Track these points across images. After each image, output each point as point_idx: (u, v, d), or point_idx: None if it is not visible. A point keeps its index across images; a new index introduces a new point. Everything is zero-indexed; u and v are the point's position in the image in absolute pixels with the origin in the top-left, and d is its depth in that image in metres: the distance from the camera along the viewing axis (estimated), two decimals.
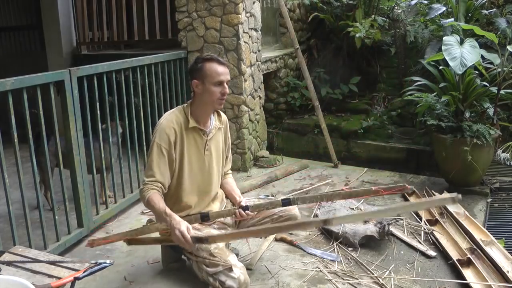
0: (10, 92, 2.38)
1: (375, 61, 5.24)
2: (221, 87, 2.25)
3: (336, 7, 5.20)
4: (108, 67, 3.14)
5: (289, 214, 2.44)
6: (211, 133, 2.37)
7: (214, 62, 2.25)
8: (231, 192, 2.51)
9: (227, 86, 2.29)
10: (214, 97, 2.25)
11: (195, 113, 2.31)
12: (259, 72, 4.48)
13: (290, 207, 2.48)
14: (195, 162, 2.34)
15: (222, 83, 2.25)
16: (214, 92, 2.24)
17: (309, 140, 4.80)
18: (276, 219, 2.44)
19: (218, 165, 2.45)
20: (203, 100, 2.28)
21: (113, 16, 5.02)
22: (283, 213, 2.44)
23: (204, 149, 2.35)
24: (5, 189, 2.39)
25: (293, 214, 2.45)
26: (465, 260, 2.50)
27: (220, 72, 2.24)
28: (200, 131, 2.33)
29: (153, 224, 2.38)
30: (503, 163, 3.94)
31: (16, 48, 6.42)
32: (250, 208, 2.33)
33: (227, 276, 2.13)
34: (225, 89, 2.27)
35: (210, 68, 2.23)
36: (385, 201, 3.47)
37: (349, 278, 2.45)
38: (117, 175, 3.40)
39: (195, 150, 2.33)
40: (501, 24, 4.01)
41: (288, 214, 2.44)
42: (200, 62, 2.26)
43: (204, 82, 2.24)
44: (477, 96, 3.59)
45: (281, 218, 2.44)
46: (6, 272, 1.73)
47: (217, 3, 3.99)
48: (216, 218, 2.37)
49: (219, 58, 2.30)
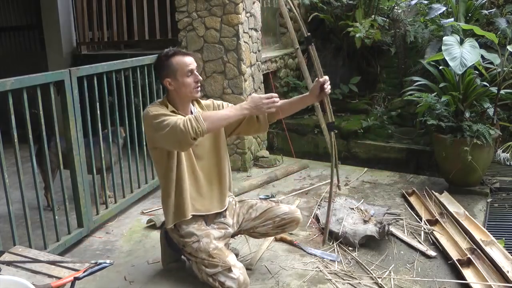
0: (10, 92, 2.38)
1: (375, 61, 5.24)
2: (193, 76, 2.24)
3: (336, 7, 5.20)
4: (108, 67, 3.14)
5: (292, 217, 2.46)
6: None
7: (179, 55, 2.23)
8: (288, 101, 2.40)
9: (198, 73, 2.27)
10: (190, 87, 2.23)
11: (174, 107, 2.27)
12: (259, 72, 4.48)
13: (293, 209, 2.50)
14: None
15: (193, 71, 2.24)
16: (189, 83, 2.23)
17: (309, 140, 4.80)
18: (279, 222, 2.45)
19: (217, 155, 2.39)
20: (180, 94, 2.26)
21: (113, 16, 5.03)
22: (286, 216, 2.45)
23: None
24: (5, 189, 2.39)
25: (295, 216, 2.47)
26: (465, 260, 2.50)
27: (188, 62, 2.22)
28: None
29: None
30: (503, 163, 3.94)
31: (16, 48, 6.42)
32: None
33: (226, 277, 2.14)
34: (198, 77, 2.26)
35: (177, 62, 2.21)
36: (385, 201, 3.47)
37: (349, 278, 2.45)
38: (117, 175, 3.40)
39: None
40: (501, 24, 4.01)
41: (290, 217, 2.46)
42: (165, 59, 2.23)
43: (176, 77, 2.21)
44: (477, 96, 3.59)
45: (284, 221, 2.46)
46: (6, 272, 1.73)
47: (217, 3, 3.99)
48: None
49: (180, 49, 2.29)
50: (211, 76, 4.14)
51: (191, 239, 2.27)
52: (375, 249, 2.76)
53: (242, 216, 2.49)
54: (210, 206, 2.37)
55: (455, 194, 3.45)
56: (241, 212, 2.50)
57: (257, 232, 2.50)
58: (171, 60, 2.22)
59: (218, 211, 2.41)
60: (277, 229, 2.49)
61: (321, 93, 2.32)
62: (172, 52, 2.24)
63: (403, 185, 3.78)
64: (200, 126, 2.03)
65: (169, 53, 2.24)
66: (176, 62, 2.21)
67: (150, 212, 3.37)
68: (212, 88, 4.14)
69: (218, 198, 2.41)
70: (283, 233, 2.67)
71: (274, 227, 2.47)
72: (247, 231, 2.52)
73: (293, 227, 2.54)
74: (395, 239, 2.85)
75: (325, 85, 2.30)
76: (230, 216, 2.47)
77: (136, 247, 2.89)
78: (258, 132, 2.64)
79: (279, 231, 2.53)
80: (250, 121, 2.39)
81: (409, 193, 3.54)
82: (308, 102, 2.44)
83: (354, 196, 3.54)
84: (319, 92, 2.31)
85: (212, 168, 2.39)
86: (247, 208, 2.51)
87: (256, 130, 2.47)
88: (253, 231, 2.51)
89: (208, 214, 2.38)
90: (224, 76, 4.12)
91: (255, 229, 2.48)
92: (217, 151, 2.40)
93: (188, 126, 2.02)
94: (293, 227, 2.52)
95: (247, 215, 2.48)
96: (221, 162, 2.42)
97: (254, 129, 2.45)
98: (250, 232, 2.53)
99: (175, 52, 2.25)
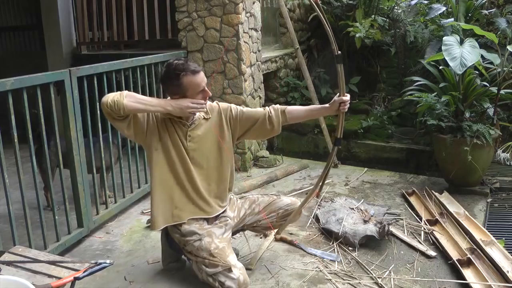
0: (10, 92, 2.38)
1: (375, 61, 5.24)
2: (203, 92, 2.23)
3: (336, 7, 5.20)
4: (108, 67, 3.14)
5: (294, 208, 2.53)
6: (194, 124, 2.31)
7: (190, 75, 2.17)
8: (305, 109, 2.43)
9: (207, 88, 2.25)
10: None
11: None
12: (259, 72, 4.48)
13: (294, 200, 2.58)
14: (174, 151, 2.27)
15: (204, 89, 2.23)
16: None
17: (309, 140, 4.80)
18: (282, 213, 2.52)
19: (217, 159, 2.37)
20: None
21: (113, 16, 5.02)
22: (289, 207, 2.52)
23: (186, 140, 2.29)
24: (5, 189, 2.39)
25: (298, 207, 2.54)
26: (465, 260, 2.50)
27: (199, 82, 2.20)
28: (180, 122, 2.28)
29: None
30: (503, 163, 3.95)
31: (16, 48, 6.43)
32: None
33: (226, 277, 2.14)
34: (208, 93, 2.24)
35: (188, 83, 2.17)
36: (385, 201, 3.47)
37: (349, 278, 2.45)
38: (117, 175, 3.40)
39: (175, 138, 2.27)
40: (501, 24, 4.00)
41: (293, 208, 2.53)
42: (175, 78, 2.17)
43: (186, 95, 2.20)
44: (477, 96, 3.59)
45: (287, 212, 2.52)
46: (6, 272, 1.73)
47: (217, 3, 3.99)
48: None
49: (191, 66, 2.19)
50: (211, 76, 4.14)
51: (193, 237, 2.27)
52: (375, 249, 2.76)
53: (244, 211, 2.50)
54: (210, 209, 2.36)
55: (455, 194, 3.45)
56: (243, 208, 2.51)
57: (261, 225, 2.55)
58: (182, 80, 2.17)
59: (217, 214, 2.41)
60: (281, 221, 2.55)
61: (338, 110, 2.39)
62: (182, 71, 2.16)
63: (403, 185, 3.78)
64: (120, 98, 2.04)
65: (180, 73, 2.16)
66: (187, 82, 2.17)
67: (150, 212, 3.36)
68: (212, 88, 4.14)
69: (218, 201, 2.41)
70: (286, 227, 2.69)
71: (278, 218, 2.53)
72: (250, 226, 2.55)
73: (296, 217, 2.60)
74: (395, 239, 2.85)
75: (343, 103, 2.36)
76: (231, 210, 2.47)
77: (136, 247, 2.89)
78: (269, 136, 2.64)
79: (283, 223, 2.58)
80: (263, 124, 2.37)
81: (409, 193, 3.54)
82: (325, 114, 2.50)
83: (354, 196, 3.54)
84: (338, 108, 2.38)
85: (211, 172, 2.37)
86: (250, 203, 2.53)
87: (268, 133, 2.44)
88: (256, 225, 2.55)
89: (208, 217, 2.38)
90: (224, 76, 4.12)
91: (258, 222, 2.53)
92: (219, 155, 2.38)
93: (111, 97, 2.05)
94: (296, 217, 2.58)
95: (250, 210, 2.51)
96: (222, 167, 2.39)
97: (266, 133, 2.43)
98: (254, 227, 2.57)
99: (185, 71, 2.16)
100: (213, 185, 2.38)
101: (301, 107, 2.45)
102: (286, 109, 2.39)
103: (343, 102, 2.35)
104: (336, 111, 2.41)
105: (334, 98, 2.39)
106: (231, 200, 2.51)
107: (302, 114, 2.43)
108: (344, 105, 2.36)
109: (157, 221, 2.30)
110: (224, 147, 2.37)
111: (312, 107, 2.49)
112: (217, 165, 2.38)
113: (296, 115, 2.41)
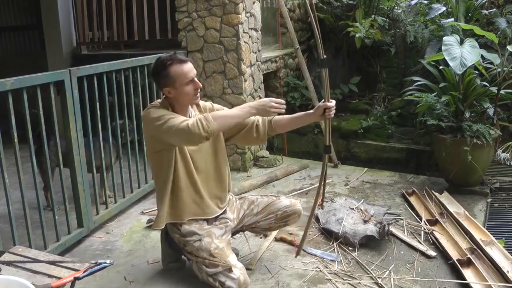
0: (10, 92, 2.38)
1: (375, 61, 5.24)
2: (193, 83, 2.21)
3: (336, 7, 5.21)
4: (108, 67, 3.14)
5: (293, 209, 2.50)
6: None
7: (177, 64, 2.16)
8: (290, 116, 2.39)
9: (197, 79, 2.23)
10: (190, 95, 2.21)
11: (173, 110, 2.24)
12: (259, 72, 4.48)
13: (293, 202, 2.54)
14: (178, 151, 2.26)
15: (193, 79, 2.20)
16: (188, 92, 2.20)
17: (309, 140, 4.80)
18: (281, 215, 2.49)
19: (215, 159, 2.38)
20: (179, 102, 2.24)
21: (113, 16, 5.02)
22: (287, 209, 2.49)
23: None
24: (5, 189, 2.39)
25: (297, 209, 2.52)
26: (465, 260, 2.50)
27: (187, 71, 2.18)
28: None
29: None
30: (503, 163, 3.94)
31: (16, 48, 6.43)
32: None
33: (226, 277, 2.14)
34: (198, 84, 2.22)
35: (175, 71, 2.16)
36: (385, 201, 3.47)
37: (349, 278, 2.45)
38: (117, 175, 3.40)
39: None
40: (501, 24, 4.01)
41: (292, 209, 2.50)
42: (163, 69, 2.16)
43: (175, 86, 2.18)
44: (477, 96, 3.59)
45: (286, 214, 2.49)
46: (6, 272, 1.73)
47: (217, 3, 3.99)
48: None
49: (179, 56, 2.21)
50: (211, 76, 4.14)
51: (193, 238, 2.27)
52: (375, 249, 2.76)
53: (243, 211, 2.50)
54: (209, 210, 2.36)
55: (455, 194, 3.45)
56: (242, 208, 2.51)
57: (260, 226, 2.53)
58: (169, 69, 2.16)
59: (217, 215, 2.41)
60: (280, 222, 2.52)
61: (323, 115, 2.28)
62: (169, 60, 2.17)
63: (403, 185, 3.78)
64: (210, 125, 2.03)
65: (166, 62, 2.17)
66: (174, 71, 2.16)
67: (150, 212, 3.37)
68: (212, 88, 4.14)
69: (217, 202, 2.41)
70: (285, 227, 2.66)
71: (277, 220, 2.50)
72: (249, 227, 2.54)
73: (295, 219, 2.55)
74: (395, 239, 2.85)
75: (328, 109, 2.26)
76: (231, 212, 2.48)
77: (136, 247, 2.89)
78: (254, 144, 2.62)
79: (282, 224, 2.55)
80: (249, 131, 2.38)
81: (409, 193, 3.54)
82: (310, 121, 2.45)
83: (354, 196, 3.54)
84: (322, 114, 2.28)
85: (210, 172, 2.38)
86: (248, 204, 2.53)
87: (253, 141, 2.46)
88: (255, 226, 2.53)
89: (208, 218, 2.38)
90: (224, 76, 4.12)
91: (257, 223, 2.51)
92: (215, 156, 2.39)
93: (198, 126, 2.01)
94: (295, 219, 2.55)
95: (249, 210, 2.50)
96: (220, 167, 2.41)
97: (251, 140, 2.44)
98: (253, 228, 2.55)
99: (172, 60, 2.17)
100: (212, 185, 2.38)
101: (286, 116, 2.41)
102: (273, 119, 2.41)
103: (328, 108, 2.26)
104: (321, 117, 2.30)
105: (318, 104, 2.30)
106: (230, 200, 2.52)
107: (287, 122, 2.40)
108: (329, 111, 2.26)
109: (161, 220, 2.31)
110: (220, 147, 2.40)
111: (296, 114, 2.42)
112: (215, 165, 2.40)
113: (283, 124, 2.41)
